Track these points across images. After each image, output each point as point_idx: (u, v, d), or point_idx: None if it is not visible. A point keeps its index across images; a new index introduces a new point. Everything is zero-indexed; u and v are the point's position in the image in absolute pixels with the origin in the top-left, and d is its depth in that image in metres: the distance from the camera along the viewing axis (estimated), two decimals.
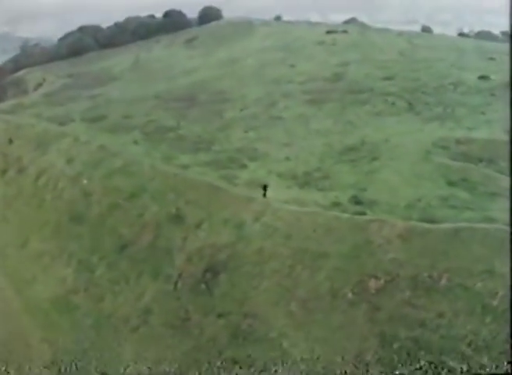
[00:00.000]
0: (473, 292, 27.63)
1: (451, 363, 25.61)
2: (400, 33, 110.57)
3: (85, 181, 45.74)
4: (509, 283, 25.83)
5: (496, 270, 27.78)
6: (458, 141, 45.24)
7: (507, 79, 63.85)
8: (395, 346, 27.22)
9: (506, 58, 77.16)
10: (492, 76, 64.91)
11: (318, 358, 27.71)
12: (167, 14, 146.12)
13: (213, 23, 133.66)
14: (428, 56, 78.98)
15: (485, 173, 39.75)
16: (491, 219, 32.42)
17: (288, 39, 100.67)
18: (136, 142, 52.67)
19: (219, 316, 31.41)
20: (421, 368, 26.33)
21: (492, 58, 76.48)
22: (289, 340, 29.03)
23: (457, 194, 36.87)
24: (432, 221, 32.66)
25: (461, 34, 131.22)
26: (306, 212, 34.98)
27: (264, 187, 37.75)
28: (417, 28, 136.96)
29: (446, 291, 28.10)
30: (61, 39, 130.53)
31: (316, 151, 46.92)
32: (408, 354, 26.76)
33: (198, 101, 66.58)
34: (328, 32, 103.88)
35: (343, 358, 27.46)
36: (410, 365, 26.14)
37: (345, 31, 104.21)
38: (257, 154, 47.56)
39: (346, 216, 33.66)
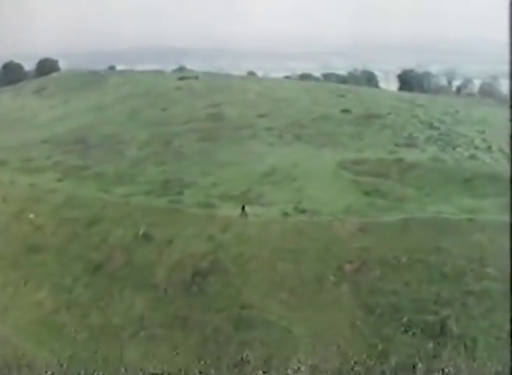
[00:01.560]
0: (429, 264, 35.24)
1: (425, 318, 32.89)
2: (244, 78, 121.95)
3: (32, 216, 46.90)
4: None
5: (443, 247, 35.87)
6: (354, 162, 53.95)
7: (366, 111, 75.97)
8: (377, 312, 33.80)
9: (353, 95, 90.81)
10: (353, 110, 76.39)
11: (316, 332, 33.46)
12: (5, 66, 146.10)
13: (55, 74, 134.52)
14: (285, 96, 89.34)
15: (388, 184, 48.71)
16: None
17: (145, 86, 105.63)
18: (60, 180, 54.44)
19: (218, 311, 35.41)
20: (402, 325, 33.29)
21: (342, 95, 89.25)
22: (287, 321, 34.15)
23: (376, 201, 44.87)
24: None
25: (287, 77, 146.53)
26: (271, 220, 40.75)
27: (243, 207, 42.62)
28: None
29: (408, 266, 35.40)
30: None
31: (237, 177, 52.29)
32: (390, 316, 33.56)
33: (92, 145, 68.70)
34: (181, 78, 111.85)
35: (337, 328, 33.52)
36: (399, 320, 32.92)
37: (196, 77, 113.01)
38: (184, 183, 51.78)
39: (308, 218, 40.11)
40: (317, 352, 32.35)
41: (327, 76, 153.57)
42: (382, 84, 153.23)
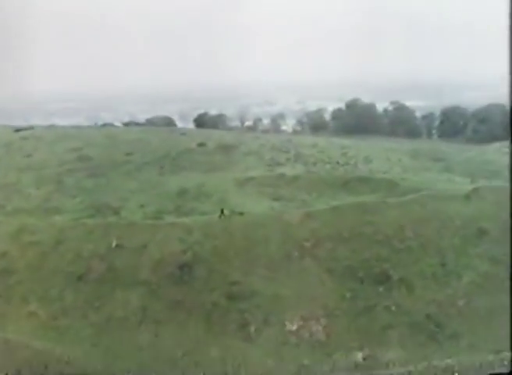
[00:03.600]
0: (365, 235, 45.24)
1: (373, 272, 42.65)
2: (79, 127, 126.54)
3: None
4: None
5: (372, 221, 46.29)
6: (247, 179, 63.66)
7: (219, 144, 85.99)
8: (338, 272, 42.77)
9: (191, 133, 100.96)
10: (208, 143, 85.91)
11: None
12: None
13: None
14: (136, 138, 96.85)
15: (287, 192, 58.89)
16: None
17: None
18: None
19: (212, 290, 41.39)
20: (358, 279, 42.59)
21: (183, 134, 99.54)
22: (272, 288, 41.48)
23: (288, 204, 54.72)
24: None
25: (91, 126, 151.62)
26: (226, 220, 48.00)
27: (222, 210, 48.90)
28: None
29: (350, 238, 45.00)
30: None
31: (156, 199, 58.50)
32: (348, 274, 42.72)
33: None
34: (17, 130, 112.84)
35: (312, 288, 41.74)
36: (355, 276, 42.15)
37: (32, 127, 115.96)
38: (114, 207, 56.30)
39: (263, 213, 48.15)
40: (303, 306, 40.30)
41: (127, 124, 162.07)
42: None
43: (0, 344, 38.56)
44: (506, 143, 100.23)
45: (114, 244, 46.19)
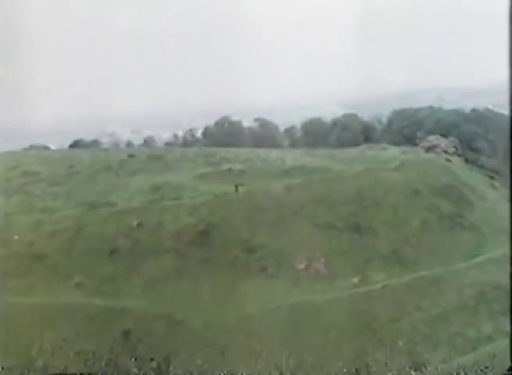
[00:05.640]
0: (335, 199, 57.12)
1: (347, 224, 54.65)
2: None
3: (16, 237, 52.08)
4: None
5: (335, 190, 58.40)
6: (204, 174, 72.12)
7: (148, 154, 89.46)
8: (322, 225, 54.09)
9: (111, 150, 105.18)
10: (137, 154, 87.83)
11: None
12: None
13: None
14: (60, 156, 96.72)
15: (242, 181, 68.87)
16: None
17: None
18: None
19: (231, 248, 50.47)
20: (338, 228, 54.21)
21: (104, 150, 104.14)
22: (277, 241, 51.66)
23: (251, 188, 65.12)
24: None
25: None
26: (222, 198, 57.52)
27: (236, 186, 57.43)
28: None
29: (324, 202, 56.70)
30: None
31: (139, 193, 64.43)
32: (329, 226, 54.21)
33: None
34: None
35: (306, 238, 52.67)
36: (336, 228, 53.80)
37: None
38: (103, 202, 61.36)
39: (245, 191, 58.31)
40: (304, 251, 51.09)
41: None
42: None
43: (65, 306, 45.11)
44: (372, 145, 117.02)
45: (135, 224, 53.36)
